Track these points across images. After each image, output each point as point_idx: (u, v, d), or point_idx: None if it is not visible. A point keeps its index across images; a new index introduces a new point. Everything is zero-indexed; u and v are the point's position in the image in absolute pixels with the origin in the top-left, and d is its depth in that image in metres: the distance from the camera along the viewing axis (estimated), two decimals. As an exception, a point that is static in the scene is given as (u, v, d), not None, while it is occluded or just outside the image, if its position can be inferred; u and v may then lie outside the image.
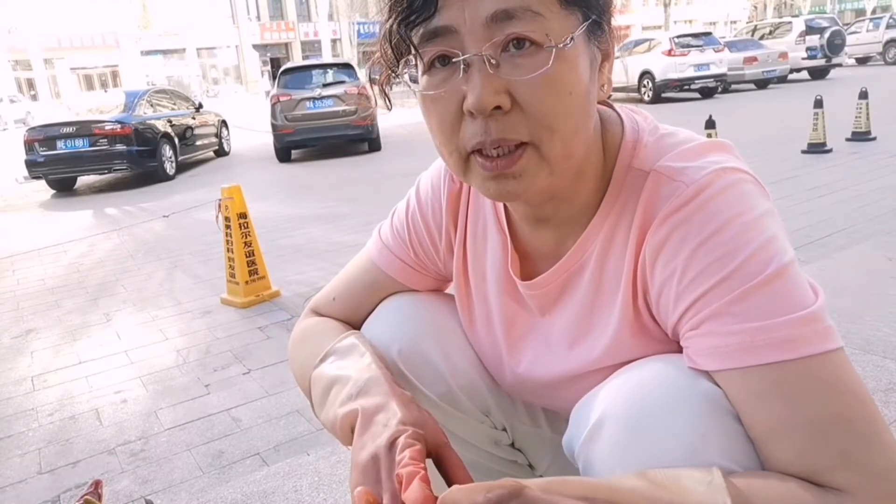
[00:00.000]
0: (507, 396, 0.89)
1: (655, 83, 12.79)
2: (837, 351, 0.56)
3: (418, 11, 0.58)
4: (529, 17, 0.56)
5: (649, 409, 0.58)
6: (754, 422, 0.56)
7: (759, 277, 0.56)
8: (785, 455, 0.55)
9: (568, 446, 0.67)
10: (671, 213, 0.61)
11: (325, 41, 28.22)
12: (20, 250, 5.04)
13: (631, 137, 0.69)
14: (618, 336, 0.69)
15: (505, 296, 0.81)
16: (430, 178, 0.86)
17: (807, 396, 0.54)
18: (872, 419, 0.55)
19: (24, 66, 31.53)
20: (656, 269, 0.63)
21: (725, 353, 0.57)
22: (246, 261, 3.22)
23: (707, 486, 0.50)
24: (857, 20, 21.84)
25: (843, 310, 2.29)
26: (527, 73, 0.57)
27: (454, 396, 0.85)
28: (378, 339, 0.84)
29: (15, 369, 2.70)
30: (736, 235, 0.58)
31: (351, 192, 6.31)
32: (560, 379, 0.77)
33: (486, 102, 0.57)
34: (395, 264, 0.88)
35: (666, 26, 28.47)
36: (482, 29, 0.57)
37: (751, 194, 0.61)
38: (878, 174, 4.81)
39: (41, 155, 7.92)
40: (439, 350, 0.84)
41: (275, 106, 8.84)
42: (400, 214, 0.89)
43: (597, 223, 0.69)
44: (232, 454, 1.89)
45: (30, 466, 1.92)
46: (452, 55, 0.59)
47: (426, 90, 0.61)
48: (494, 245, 0.80)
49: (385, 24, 0.61)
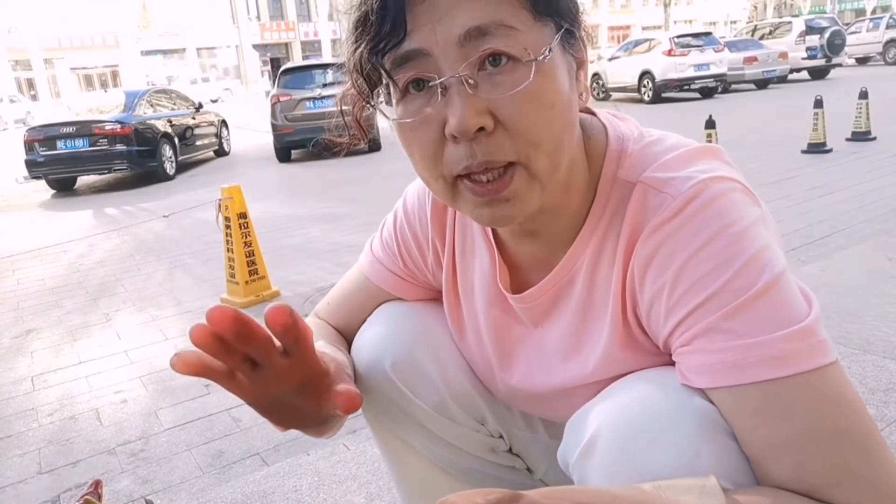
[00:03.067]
0: (502, 403, 0.89)
1: (655, 83, 12.79)
2: (832, 365, 0.54)
3: (388, 37, 0.55)
4: (504, 31, 0.54)
5: (642, 426, 0.57)
6: (749, 439, 0.55)
7: (750, 292, 0.55)
8: (782, 471, 0.54)
9: (563, 459, 0.66)
10: (658, 227, 0.60)
11: (325, 41, 28.22)
12: (20, 250, 5.04)
13: (615, 146, 0.67)
14: (609, 350, 0.68)
15: (495, 308, 0.79)
16: (416, 190, 0.85)
17: (803, 412, 0.53)
18: (870, 433, 0.54)
19: (24, 66, 31.55)
20: (646, 284, 0.62)
21: (717, 371, 0.56)
22: (246, 261, 3.22)
23: (700, 490, 0.49)
24: (857, 20, 21.84)
25: (843, 310, 2.29)
26: (508, 89, 0.55)
27: (448, 407, 0.84)
28: (370, 350, 0.83)
29: (15, 369, 2.70)
30: (725, 248, 0.56)
31: (351, 192, 6.31)
32: (555, 391, 0.76)
33: (469, 125, 0.55)
34: (385, 277, 0.88)
35: (666, 26, 28.48)
36: (456, 49, 0.55)
37: (739, 203, 0.59)
38: (878, 174, 4.80)
39: (41, 155, 7.93)
40: (433, 360, 0.83)
41: (275, 106, 8.85)
42: (388, 227, 0.88)
43: (585, 235, 0.68)
44: (232, 454, 1.89)
45: (30, 466, 1.92)
46: (428, 79, 0.56)
47: (403, 118, 0.59)
48: (483, 258, 0.79)
49: (354, 53, 0.59)
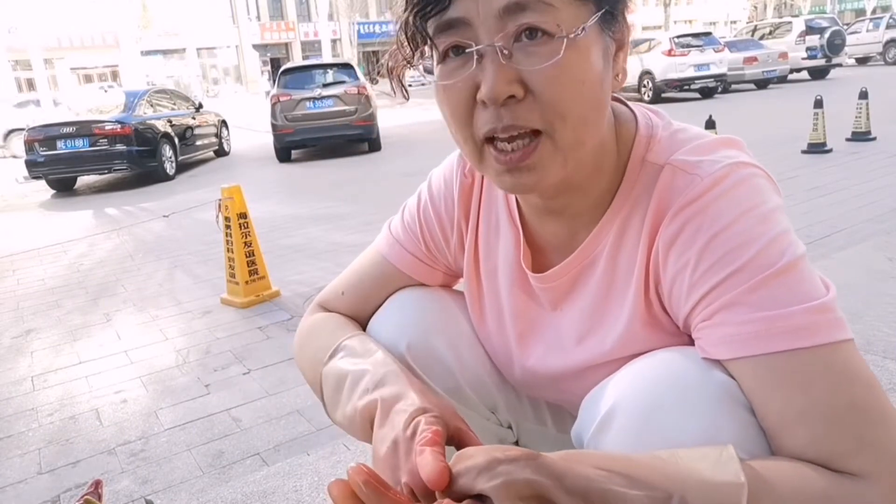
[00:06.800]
0: (513, 393, 0.90)
1: (655, 83, 12.80)
2: (849, 342, 0.57)
3: (433, 4, 0.59)
4: (542, 7, 0.57)
5: (661, 399, 0.58)
6: (767, 410, 0.57)
7: (772, 268, 0.57)
8: (798, 442, 0.55)
9: (577, 437, 0.67)
10: (686, 205, 0.62)
11: (325, 41, 28.26)
12: (20, 250, 5.04)
13: (645, 132, 0.70)
14: (629, 328, 0.70)
15: (516, 289, 0.81)
16: (443, 173, 0.87)
17: (820, 384, 0.55)
18: (885, 406, 0.55)
19: (24, 66, 31.51)
20: (669, 261, 0.64)
21: (739, 342, 0.57)
22: (246, 261, 3.22)
23: (718, 457, 0.50)
24: (857, 20, 21.84)
25: (844, 310, 2.26)
26: (539, 62, 0.58)
27: (462, 392, 0.85)
28: (387, 334, 0.84)
29: (15, 369, 2.70)
30: (750, 227, 0.59)
31: (351, 192, 6.31)
32: (570, 372, 0.77)
33: (500, 92, 0.58)
34: (405, 259, 0.88)
35: (666, 26, 28.51)
36: (495, 20, 0.58)
37: (764, 189, 0.62)
38: (878, 174, 4.81)
39: (41, 155, 7.93)
40: (448, 345, 0.84)
41: (275, 106, 8.84)
42: (411, 209, 0.89)
43: (610, 216, 0.70)
44: (232, 454, 1.89)
45: (30, 466, 1.92)
46: (466, 46, 0.60)
47: (441, 80, 0.63)
48: (507, 239, 0.81)
49: (401, 16, 0.63)
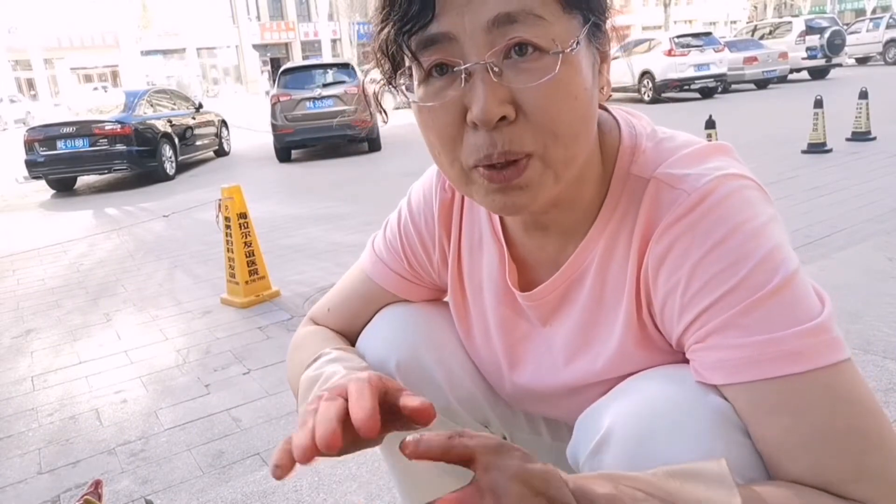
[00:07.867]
0: (506, 406, 0.88)
1: (655, 83, 12.79)
2: (846, 362, 0.55)
3: (415, 18, 0.54)
4: (532, 21, 0.54)
5: (656, 423, 0.57)
6: (764, 436, 0.55)
7: (765, 289, 0.55)
8: (796, 468, 0.54)
9: (573, 457, 0.66)
10: (673, 223, 0.60)
11: (325, 41, 28.27)
12: (20, 250, 5.04)
13: (629, 142, 0.67)
14: (622, 348, 0.68)
15: (503, 307, 0.79)
16: (422, 188, 0.84)
17: (817, 409, 0.53)
18: (884, 430, 0.54)
19: (24, 66, 31.54)
20: (659, 281, 0.62)
21: (732, 367, 0.56)
22: (246, 261, 3.22)
23: (712, 476, 0.49)
24: (857, 20, 21.83)
25: (843, 310, 2.29)
26: (533, 79, 0.54)
27: (453, 410, 0.84)
28: (376, 351, 0.83)
29: (15, 369, 2.70)
30: (740, 245, 0.56)
31: (351, 192, 6.31)
32: (562, 390, 0.76)
33: (492, 114, 0.54)
34: (389, 277, 0.87)
35: (666, 26, 28.48)
36: (483, 35, 0.54)
37: (754, 201, 0.59)
38: (878, 174, 4.80)
39: (41, 155, 7.92)
40: (438, 362, 0.83)
41: (275, 106, 8.85)
42: (392, 226, 0.87)
43: (597, 230, 0.67)
44: (232, 454, 1.89)
45: (30, 466, 1.92)
46: (452, 64, 0.56)
47: (424, 101, 0.58)
48: (490, 255, 0.78)
49: (379, 32, 0.58)
